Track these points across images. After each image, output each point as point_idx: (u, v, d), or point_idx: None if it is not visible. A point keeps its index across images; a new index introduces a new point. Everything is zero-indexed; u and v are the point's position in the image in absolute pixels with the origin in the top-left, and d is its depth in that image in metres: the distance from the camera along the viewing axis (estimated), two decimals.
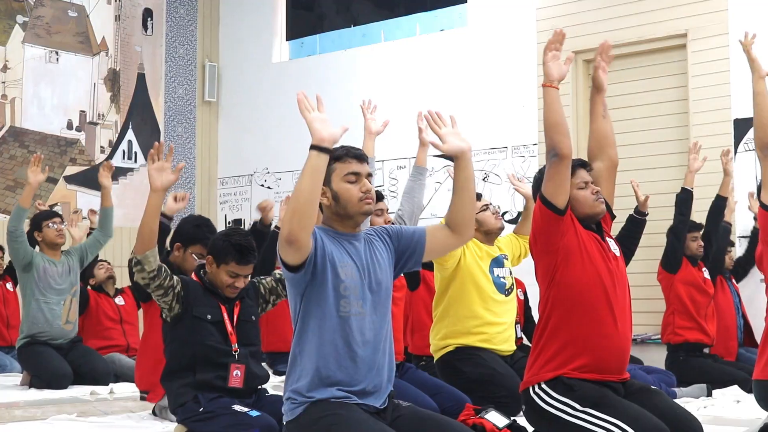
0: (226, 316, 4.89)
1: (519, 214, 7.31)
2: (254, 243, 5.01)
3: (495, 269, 6.06)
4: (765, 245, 4.66)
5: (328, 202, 3.68)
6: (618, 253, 4.21)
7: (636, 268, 7.02)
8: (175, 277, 4.85)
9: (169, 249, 5.92)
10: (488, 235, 6.13)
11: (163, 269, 4.78)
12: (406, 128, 10.67)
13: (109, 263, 9.03)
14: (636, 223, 6.76)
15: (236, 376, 4.81)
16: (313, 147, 3.42)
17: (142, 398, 6.10)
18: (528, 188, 6.27)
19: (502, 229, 6.20)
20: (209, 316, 4.84)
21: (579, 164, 4.27)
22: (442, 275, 6.06)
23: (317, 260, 3.55)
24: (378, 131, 5.79)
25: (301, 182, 3.41)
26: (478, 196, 6.21)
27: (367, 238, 3.77)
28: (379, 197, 5.72)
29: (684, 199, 7.43)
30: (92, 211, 8.65)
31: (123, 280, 9.54)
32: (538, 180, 4.22)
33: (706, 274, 7.65)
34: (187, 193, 6.11)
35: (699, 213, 8.22)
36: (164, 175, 4.80)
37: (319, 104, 3.51)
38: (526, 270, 6.32)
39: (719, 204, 7.66)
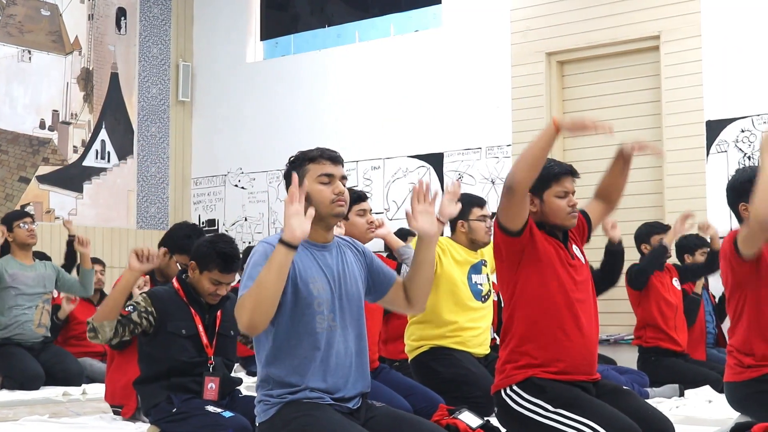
0: (201, 328, 4.86)
1: (493, 214, 7.30)
2: (239, 251, 4.97)
3: (473, 276, 6.06)
4: (725, 261, 4.64)
5: None
6: (583, 260, 4.20)
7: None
8: (135, 318, 4.78)
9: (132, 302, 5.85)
10: (474, 244, 6.11)
11: (118, 332, 4.75)
12: (380, 129, 10.70)
13: (102, 272, 8.93)
14: (613, 254, 6.76)
15: (210, 389, 4.79)
16: (283, 243, 3.37)
17: (116, 413, 6.03)
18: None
19: (488, 244, 6.17)
20: (183, 331, 4.81)
21: (568, 171, 4.22)
22: None
23: (286, 290, 3.52)
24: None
25: (267, 276, 3.36)
26: (482, 204, 6.15)
27: (339, 248, 3.76)
28: (363, 197, 5.71)
29: (662, 253, 7.39)
30: (67, 221, 8.63)
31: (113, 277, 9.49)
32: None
33: (676, 283, 7.62)
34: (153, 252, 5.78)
35: (672, 214, 8.26)
36: (145, 265, 4.83)
37: (302, 194, 3.44)
38: None
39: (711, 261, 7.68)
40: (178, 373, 4.79)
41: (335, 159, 3.71)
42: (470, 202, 6.11)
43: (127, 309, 4.79)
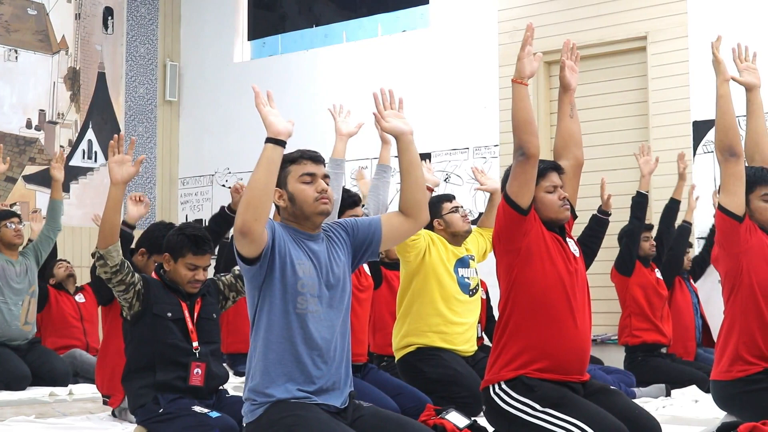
0: (186, 313, 4.87)
1: (480, 214, 7.33)
2: (208, 234, 5.01)
3: (460, 269, 6.08)
4: (720, 247, 4.70)
5: (284, 204, 3.69)
6: (578, 254, 4.23)
7: (595, 269, 7.06)
8: (136, 275, 4.84)
9: (132, 250, 5.88)
10: (455, 236, 6.14)
11: (126, 265, 4.77)
12: (368, 129, 10.68)
13: (68, 262, 8.95)
14: (599, 223, 6.80)
15: (197, 374, 4.79)
16: (269, 140, 3.44)
17: (104, 402, 6.06)
18: (492, 183, 6.30)
19: (469, 232, 6.21)
20: (170, 314, 4.82)
21: (552, 167, 4.27)
22: (406, 270, 6.07)
23: (275, 255, 3.56)
24: (350, 132, 5.80)
25: (256, 174, 3.44)
26: (450, 198, 6.22)
27: (326, 236, 3.78)
28: (356, 202, 5.73)
29: (639, 202, 7.49)
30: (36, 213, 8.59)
31: (82, 279, 9.49)
32: (506, 178, 4.23)
33: (659, 275, 7.71)
34: (145, 195, 6.02)
35: (658, 215, 8.29)
36: (124, 168, 4.77)
37: (270, 100, 3.54)
38: (487, 270, 6.36)
39: (672, 207, 7.76)
40: (164, 360, 4.78)
41: (316, 158, 3.74)
42: (438, 200, 6.20)
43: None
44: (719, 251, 4.70)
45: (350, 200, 5.68)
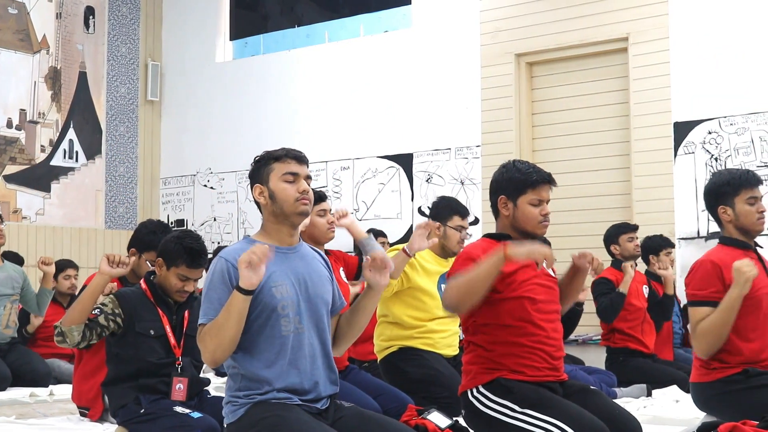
0: (168, 329, 4.85)
1: (472, 222, 7.31)
2: (206, 247, 4.97)
3: (443, 285, 6.03)
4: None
5: (264, 201, 3.68)
6: (552, 273, 4.19)
7: None
8: (102, 321, 4.79)
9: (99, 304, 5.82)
10: (445, 250, 6.07)
11: (86, 335, 4.76)
12: (349, 129, 10.70)
13: (76, 276, 8.78)
14: (573, 313, 6.80)
15: (179, 389, 4.78)
16: (240, 290, 3.43)
17: (83, 414, 5.99)
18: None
19: (457, 254, 6.15)
20: (152, 332, 4.81)
21: (546, 180, 4.17)
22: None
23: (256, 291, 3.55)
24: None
25: (227, 322, 3.46)
26: (464, 214, 6.10)
27: (307, 252, 3.78)
28: (322, 197, 5.70)
29: (620, 302, 7.41)
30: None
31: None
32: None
33: (645, 291, 7.61)
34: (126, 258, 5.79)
35: (640, 215, 8.31)
36: (116, 270, 4.87)
37: (264, 257, 3.47)
38: None
39: (666, 302, 7.67)
40: (147, 374, 4.78)
41: (300, 158, 3.73)
42: (453, 209, 6.09)
43: (94, 312, 4.78)
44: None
45: (316, 195, 5.65)
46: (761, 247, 4.82)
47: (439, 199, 6.23)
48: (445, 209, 6.04)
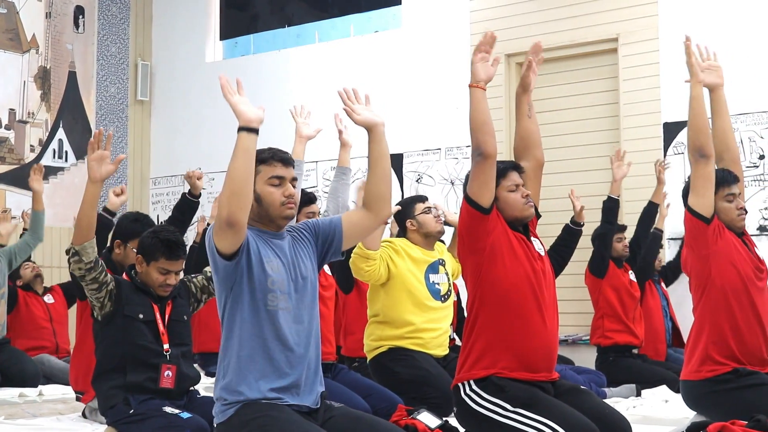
0: (158, 315, 4.86)
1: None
2: (182, 238, 5.02)
3: (430, 275, 6.07)
4: (689, 249, 4.74)
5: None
6: (543, 253, 4.24)
7: (566, 269, 7.10)
8: (109, 275, 4.82)
9: (110, 247, 5.88)
10: (428, 237, 6.14)
11: (99, 263, 4.76)
12: (332, 131, 10.68)
13: (34, 262, 8.87)
14: (572, 233, 6.85)
15: (167, 376, 4.78)
16: (241, 128, 3.44)
17: (78, 398, 6.03)
18: (455, 217, 6.29)
19: (442, 233, 6.22)
20: (141, 315, 4.81)
21: (512, 166, 4.30)
22: (371, 286, 6.08)
23: (249, 252, 3.57)
24: (309, 136, 5.77)
25: (234, 164, 3.46)
26: (423, 199, 6.23)
27: (291, 235, 3.79)
28: (312, 200, 5.72)
29: (610, 207, 7.52)
30: (26, 213, 8.46)
31: (53, 280, 9.43)
32: (467, 179, 4.25)
33: (632, 276, 7.75)
34: (125, 186, 6.13)
35: (630, 215, 8.33)
36: (103, 165, 4.75)
37: (240, 88, 3.53)
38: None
39: (650, 210, 7.78)
40: (134, 361, 4.76)
41: (286, 161, 3.73)
42: (411, 201, 6.26)
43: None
44: (688, 253, 4.74)
45: (305, 197, 5.67)
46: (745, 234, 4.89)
47: (399, 203, 6.31)
48: (406, 206, 6.16)
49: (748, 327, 4.59)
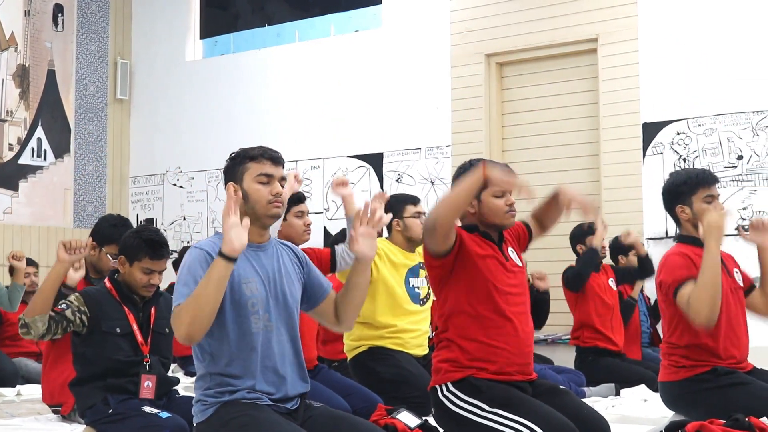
0: (135, 326, 4.83)
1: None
2: (165, 238, 4.98)
3: (410, 279, 6.06)
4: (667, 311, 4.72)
5: None
6: (519, 263, 4.21)
7: (545, 269, 7.12)
8: (69, 315, 4.76)
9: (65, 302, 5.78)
10: (411, 242, 6.12)
11: (52, 327, 4.73)
12: (319, 129, 10.69)
13: (36, 274, 8.69)
14: (539, 300, 6.87)
15: (147, 387, 4.76)
16: (222, 256, 3.37)
17: (56, 412, 5.95)
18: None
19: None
20: (118, 330, 4.79)
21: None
22: None
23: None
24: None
25: (205, 290, 3.35)
26: (416, 201, 6.17)
27: (277, 250, 3.76)
28: (301, 199, 5.69)
29: (594, 256, 7.45)
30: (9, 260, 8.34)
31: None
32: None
33: (612, 284, 7.68)
34: (82, 255, 5.77)
35: (610, 215, 8.35)
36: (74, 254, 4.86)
37: (237, 204, 3.45)
38: None
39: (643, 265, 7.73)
40: (115, 373, 4.75)
41: (276, 160, 3.70)
42: (403, 200, 6.17)
43: (60, 306, 4.77)
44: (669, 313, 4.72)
45: (294, 197, 5.64)
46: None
47: (390, 198, 6.27)
48: (397, 204, 6.09)
49: (723, 328, 4.60)
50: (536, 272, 7.32)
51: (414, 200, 6.21)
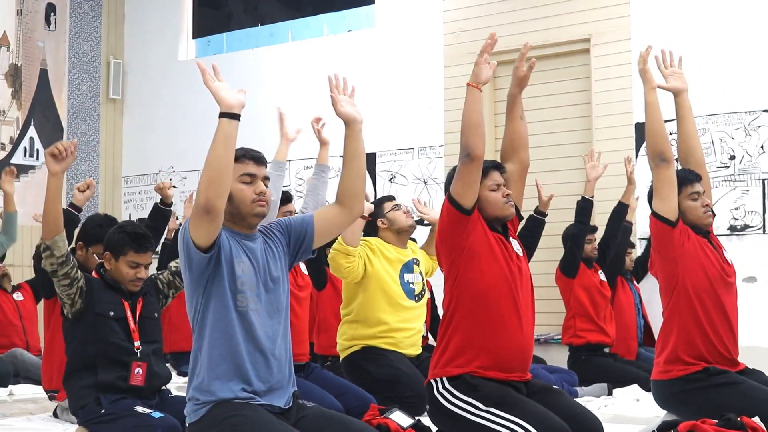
0: (128, 312, 4.85)
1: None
2: (149, 232, 5.04)
3: (405, 275, 6.09)
4: (656, 252, 4.77)
5: None
6: (521, 254, 4.27)
7: (537, 269, 7.09)
8: (80, 272, 4.80)
9: (74, 247, 5.86)
10: (400, 234, 6.16)
11: (71, 257, 4.75)
12: (312, 129, 10.67)
13: (0, 262, 8.79)
14: (536, 223, 6.86)
15: (138, 373, 4.77)
16: (223, 114, 3.42)
17: (51, 398, 6.00)
18: (434, 214, 6.32)
19: (413, 227, 6.24)
20: (112, 313, 4.80)
21: (493, 166, 4.32)
22: (347, 284, 6.08)
23: (220, 249, 3.54)
24: (293, 138, 5.80)
25: (214, 150, 3.41)
26: (390, 198, 6.27)
27: (263, 237, 3.77)
28: (288, 198, 5.72)
29: (583, 207, 7.54)
30: None
31: (24, 278, 9.36)
32: (450, 178, 4.26)
33: (602, 277, 7.78)
34: (91, 180, 6.12)
35: (601, 215, 8.36)
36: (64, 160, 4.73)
37: (217, 74, 3.52)
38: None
39: (620, 211, 7.79)
40: (106, 359, 4.75)
41: (258, 159, 3.73)
42: (379, 201, 6.30)
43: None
44: (655, 256, 4.77)
45: (282, 197, 5.68)
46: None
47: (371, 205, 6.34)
48: (376, 207, 6.20)
49: (716, 328, 4.63)
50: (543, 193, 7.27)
51: (389, 198, 6.35)
